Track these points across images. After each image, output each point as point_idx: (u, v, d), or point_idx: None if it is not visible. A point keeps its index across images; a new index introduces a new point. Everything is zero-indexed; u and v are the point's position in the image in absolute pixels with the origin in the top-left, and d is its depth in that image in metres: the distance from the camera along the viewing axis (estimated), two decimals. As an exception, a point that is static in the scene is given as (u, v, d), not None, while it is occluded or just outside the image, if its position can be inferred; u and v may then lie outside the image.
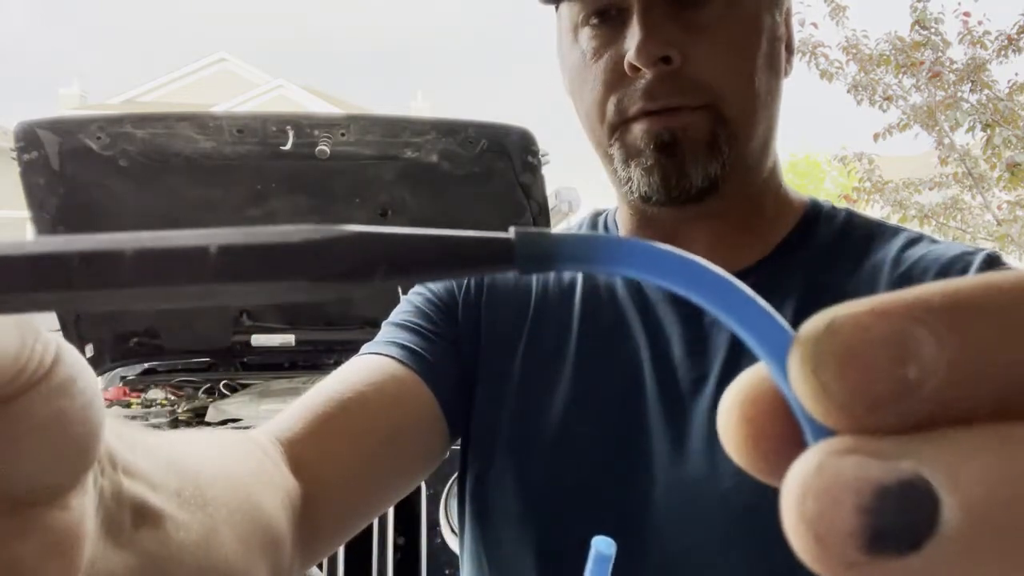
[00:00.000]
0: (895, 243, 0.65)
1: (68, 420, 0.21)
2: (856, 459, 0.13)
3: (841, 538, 0.12)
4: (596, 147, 0.67)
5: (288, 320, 2.75)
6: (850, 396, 0.13)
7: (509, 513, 0.67)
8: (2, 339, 0.18)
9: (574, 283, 0.72)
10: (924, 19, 6.75)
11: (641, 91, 0.61)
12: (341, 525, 0.59)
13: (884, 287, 0.62)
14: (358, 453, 0.59)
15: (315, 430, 0.57)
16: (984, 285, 0.13)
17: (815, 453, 0.13)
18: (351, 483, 0.58)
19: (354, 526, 0.61)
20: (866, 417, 0.13)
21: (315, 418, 0.57)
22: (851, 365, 0.13)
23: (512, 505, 0.66)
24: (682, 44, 0.60)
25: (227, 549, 0.38)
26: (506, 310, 0.72)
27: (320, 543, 0.56)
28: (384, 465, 0.61)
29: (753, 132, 0.64)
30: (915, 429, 0.13)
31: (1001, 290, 0.13)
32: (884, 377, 0.13)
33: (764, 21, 0.64)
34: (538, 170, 2.43)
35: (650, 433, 0.64)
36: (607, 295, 0.71)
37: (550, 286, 0.73)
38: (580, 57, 0.65)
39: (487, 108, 69.37)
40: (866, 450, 0.13)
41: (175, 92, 21.08)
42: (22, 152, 2.23)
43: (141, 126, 2.29)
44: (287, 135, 2.28)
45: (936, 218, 7.35)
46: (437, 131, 2.35)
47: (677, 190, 0.62)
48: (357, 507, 0.60)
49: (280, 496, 0.49)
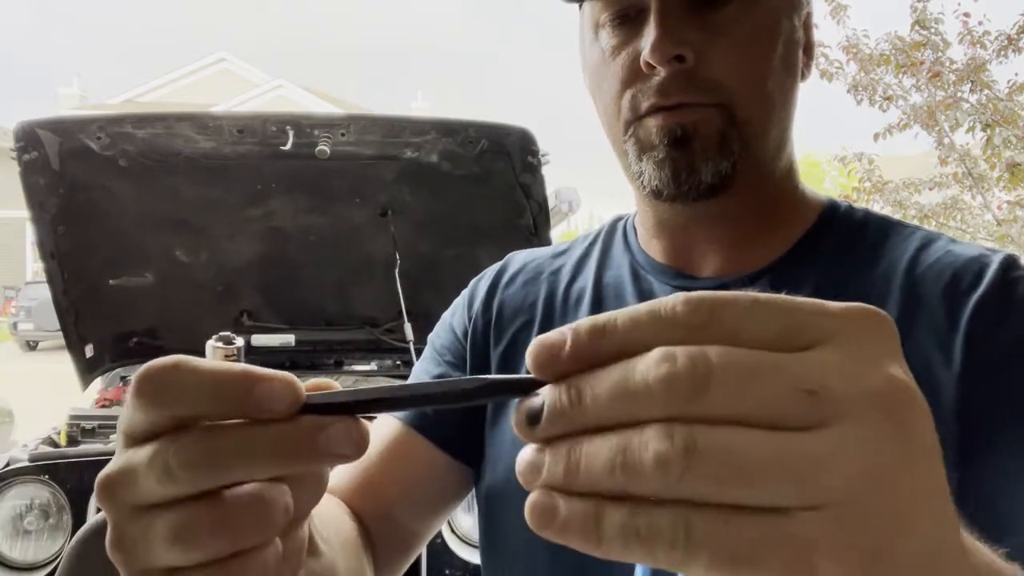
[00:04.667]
0: (911, 243, 0.65)
1: (325, 476, 0.36)
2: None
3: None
4: (613, 143, 0.68)
5: (288, 320, 2.75)
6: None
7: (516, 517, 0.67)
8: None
9: (583, 293, 0.73)
10: (924, 19, 6.75)
11: (655, 88, 0.62)
12: (398, 553, 0.73)
13: (897, 289, 0.61)
14: (386, 506, 0.70)
15: (349, 491, 0.70)
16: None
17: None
18: (390, 526, 0.70)
19: (412, 551, 0.75)
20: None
21: (347, 482, 0.71)
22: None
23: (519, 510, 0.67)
24: (697, 44, 0.61)
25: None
26: (514, 333, 0.74)
27: (388, 569, 0.71)
28: (411, 510, 0.73)
29: (766, 133, 0.65)
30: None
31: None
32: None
33: (782, 24, 0.64)
34: (538, 170, 2.43)
35: None
36: (615, 303, 0.71)
37: (557, 299, 0.74)
38: (600, 55, 0.66)
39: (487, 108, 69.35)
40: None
41: (175, 92, 21.08)
42: (22, 152, 2.23)
43: (141, 126, 2.29)
44: (287, 135, 2.28)
45: (936, 218, 7.35)
46: (437, 131, 2.35)
47: (687, 184, 0.63)
48: (403, 540, 0.73)
49: (359, 537, 0.64)
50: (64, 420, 2.38)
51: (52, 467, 1.97)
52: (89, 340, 2.65)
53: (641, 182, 0.65)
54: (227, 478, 0.30)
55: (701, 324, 0.26)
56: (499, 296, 0.76)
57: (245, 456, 0.30)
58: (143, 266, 2.63)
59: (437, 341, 0.80)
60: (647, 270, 0.71)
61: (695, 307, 0.26)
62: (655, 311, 0.27)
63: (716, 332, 0.26)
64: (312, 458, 0.31)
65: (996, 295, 0.58)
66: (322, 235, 2.63)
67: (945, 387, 0.56)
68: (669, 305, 0.26)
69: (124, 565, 0.32)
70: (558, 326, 0.25)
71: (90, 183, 2.38)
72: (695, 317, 0.26)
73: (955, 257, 0.62)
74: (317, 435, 0.30)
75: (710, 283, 0.67)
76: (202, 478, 0.30)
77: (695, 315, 0.26)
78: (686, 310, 0.26)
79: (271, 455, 0.30)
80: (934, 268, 0.61)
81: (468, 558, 1.88)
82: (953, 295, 0.59)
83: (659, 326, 0.26)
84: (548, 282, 0.76)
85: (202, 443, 0.30)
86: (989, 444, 0.54)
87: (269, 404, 0.30)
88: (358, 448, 0.31)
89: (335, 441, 0.30)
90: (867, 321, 0.27)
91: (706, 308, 0.26)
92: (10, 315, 16.01)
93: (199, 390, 0.30)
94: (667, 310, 0.26)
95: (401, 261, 2.54)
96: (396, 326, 2.67)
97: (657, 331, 0.26)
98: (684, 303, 0.26)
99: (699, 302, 0.26)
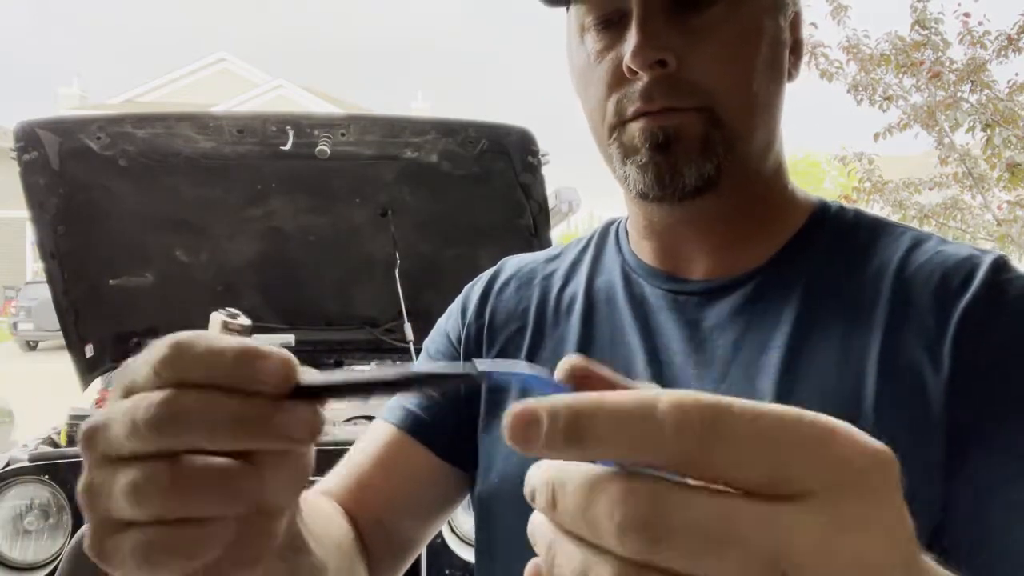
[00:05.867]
0: (901, 244, 0.65)
1: (306, 470, 0.36)
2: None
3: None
4: (598, 146, 0.69)
5: (288, 320, 2.75)
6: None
7: (513, 520, 0.68)
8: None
9: (575, 299, 0.74)
10: (924, 19, 6.75)
11: (638, 93, 0.62)
12: (393, 557, 0.73)
13: (887, 290, 0.61)
14: (382, 510, 0.70)
15: (346, 494, 0.70)
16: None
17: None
18: (385, 530, 0.70)
19: (408, 555, 0.75)
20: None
21: (343, 487, 0.71)
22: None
23: (515, 512, 0.67)
24: (679, 48, 0.61)
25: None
26: (506, 337, 0.75)
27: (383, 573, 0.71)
28: (407, 514, 0.73)
29: (751, 135, 0.65)
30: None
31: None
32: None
33: (765, 25, 0.64)
34: (538, 170, 2.43)
35: None
36: (606, 308, 0.71)
37: (549, 305, 0.74)
38: (585, 59, 0.67)
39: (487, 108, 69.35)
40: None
41: (175, 92, 21.08)
42: (22, 152, 2.23)
43: (141, 126, 2.29)
44: (287, 135, 2.28)
45: (936, 218, 7.35)
46: (437, 131, 2.35)
47: (671, 187, 0.63)
48: (399, 544, 0.73)
49: (353, 540, 0.64)
50: (64, 420, 2.38)
51: (52, 467, 1.97)
52: (89, 340, 2.65)
53: (627, 185, 0.66)
54: (185, 442, 0.32)
55: (686, 449, 0.24)
56: (492, 302, 0.77)
57: (204, 423, 0.32)
58: (143, 266, 2.63)
59: (431, 347, 0.81)
60: (638, 273, 0.72)
61: (688, 424, 0.24)
62: (645, 415, 0.25)
63: (701, 460, 0.25)
64: (266, 436, 0.32)
65: (985, 298, 0.57)
66: (322, 235, 2.62)
67: (933, 393, 0.55)
68: (661, 412, 0.25)
69: (87, 510, 0.33)
70: (550, 333, 0.26)
71: (90, 183, 2.38)
72: (685, 436, 0.24)
73: (945, 258, 0.61)
74: (274, 414, 0.32)
75: (700, 285, 0.68)
76: (161, 437, 0.32)
77: (685, 434, 0.24)
78: (677, 425, 0.24)
79: (228, 426, 0.32)
80: (924, 269, 0.61)
81: (468, 558, 1.88)
82: (942, 297, 0.59)
83: (642, 436, 0.25)
84: (541, 287, 0.76)
85: (167, 405, 0.32)
86: (978, 448, 0.53)
87: (264, 377, 0.32)
88: (311, 433, 0.32)
89: (290, 424, 0.32)
90: (867, 477, 0.25)
91: (699, 428, 0.24)
92: (10, 315, 16.01)
93: (206, 358, 0.32)
94: (659, 417, 0.25)
95: (401, 261, 2.54)
96: (396, 326, 2.67)
97: (639, 440, 0.25)
98: (678, 413, 0.25)
99: (695, 417, 0.24)
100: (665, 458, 0.25)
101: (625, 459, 0.25)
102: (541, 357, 0.72)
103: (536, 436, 0.26)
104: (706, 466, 0.25)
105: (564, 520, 0.27)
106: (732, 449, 0.24)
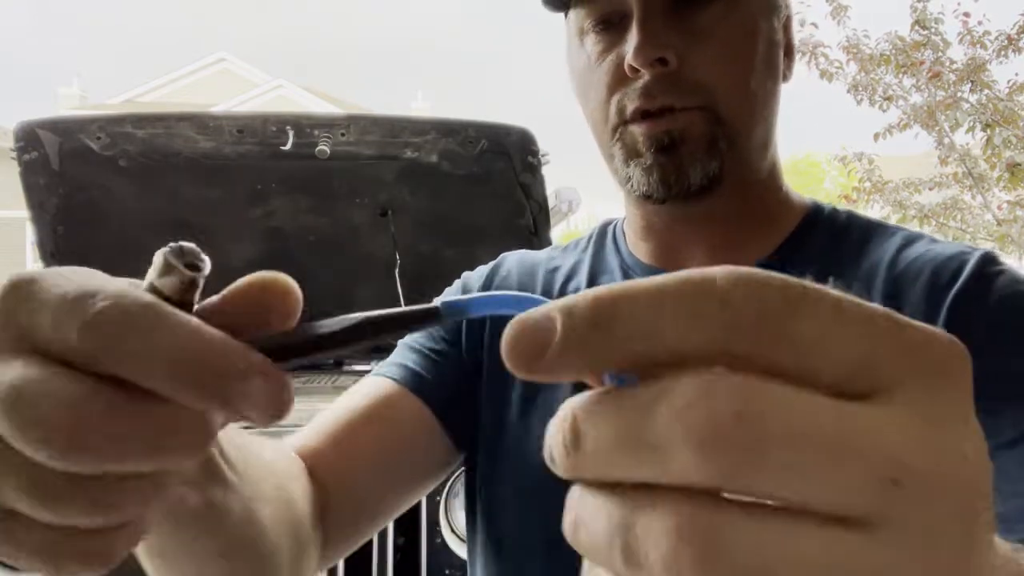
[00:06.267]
0: (892, 243, 0.66)
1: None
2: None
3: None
4: (600, 147, 0.69)
5: (288, 320, 2.75)
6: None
7: (516, 512, 0.68)
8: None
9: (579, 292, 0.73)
10: (924, 19, 6.76)
11: (639, 91, 0.63)
12: (354, 526, 0.66)
13: (880, 287, 0.62)
14: (363, 464, 0.66)
15: (326, 445, 0.65)
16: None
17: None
18: (359, 490, 0.66)
19: (368, 527, 0.68)
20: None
21: (326, 435, 0.65)
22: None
23: (518, 505, 0.68)
24: (679, 47, 0.62)
25: (263, 521, 0.47)
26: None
27: (337, 541, 0.64)
28: (389, 474, 0.68)
29: (750, 133, 0.65)
30: None
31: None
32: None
33: (761, 26, 0.65)
34: (538, 170, 2.43)
35: None
36: None
37: (554, 294, 0.74)
38: (585, 61, 0.67)
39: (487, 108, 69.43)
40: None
41: (175, 92, 21.09)
42: (22, 152, 2.23)
43: (141, 126, 2.29)
44: (287, 135, 2.28)
45: (936, 218, 7.36)
46: (437, 131, 2.35)
47: (677, 188, 0.64)
48: (367, 510, 0.67)
49: (306, 494, 0.59)
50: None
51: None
52: (89, 340, 2.65)
53: (630, 186, 0.66)
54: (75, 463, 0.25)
55: (754, 325, 0.19)
56: (495, 287, 0.77)
57: (118, 440, 0.24)
58: (143, 266, 2.62)
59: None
60: (637, 273, 0.72)
61: (748, 294, 0.19)
62: (691, 290, 0.19)
63: (774, 348, 0.19)
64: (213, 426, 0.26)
65: (974, 289, 0.59)
66: (322, 235, 2.62)
67: None
68: (710, 281, 0.19)
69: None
70: None
71: (90, 183, 2.38)
72: (747, 310, 0.19)
73: (935, 254, 0.62)
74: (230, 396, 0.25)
75: None
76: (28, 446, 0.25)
77: (747, 306, 0.19)
78: (734, 296, 0.19)
79: (149, 444, 0.24)
80: (915, 265, 0.62)
81: (468, 558, 1.88)
82: (933, 291, 0.60)
83: (693, 318, 0.19)
84: (544, 280, 0.76)
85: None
86: None
87: (248, 407, 0.25)
88: (279, 412, 0.27)
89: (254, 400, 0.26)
90: (946, 365, 0.20)
91: (763, 299, 0.19)
92: (10, 315, 15.99)
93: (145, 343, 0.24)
94: (707, 289, 0.19)
95: (401, 261, 2.54)
96: (396, 326, 2.67)
97: (688, 325, 0.19)
98: (733, 283, 0.19)
99: (757, 288, 0.19)
100: (728, 345, 0.19)
101: (668, 351, 0.19)
102: None
103: (548, 339, 0.20)
104: (783, 353, 0.19)
105: (595, 458, 0.20)
106: (817, 332, 0.19)
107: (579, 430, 0.20)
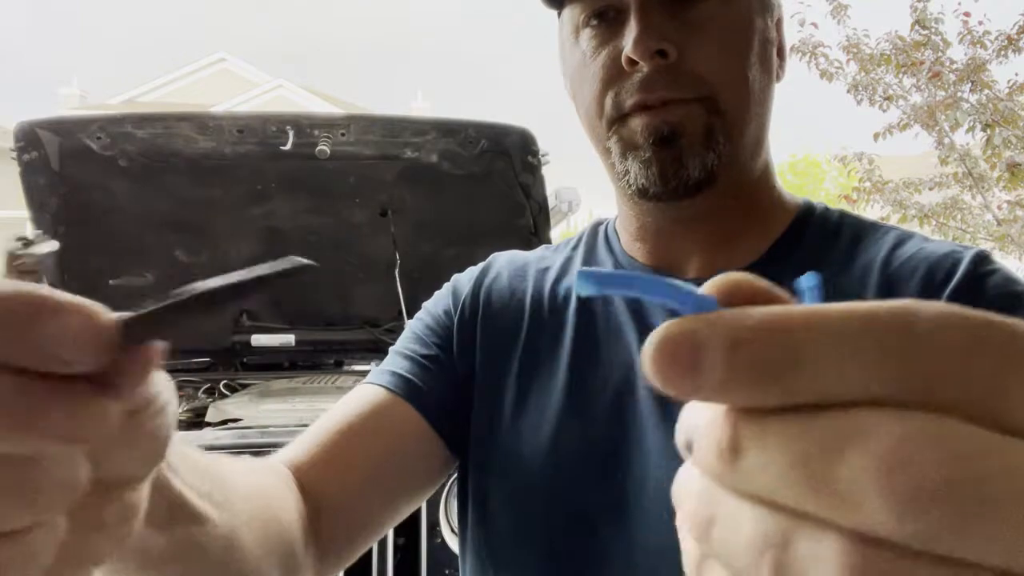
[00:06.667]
0: (885, 242, 0.66)
1: (159, 433, 0.29)
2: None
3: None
4: (595, 143, 0.69)
5: (288, 320, 2.75)
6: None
7: (509, 515, 0.68)
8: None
9: (570, 292, 0.74)
10: (924, 19, 6.75)
11: (638, 84, 0.63)
12: (348, 540, 0.66)
13: (873, 287, 0.62)
14: (357, 476, 0.65)
15: (319, 457, 0.64)
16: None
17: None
18: (353, 502, 0.65)
19: (362, 541, 0.67)
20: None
21: (319, 447, 0.65)
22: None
23: (511, 507, 0.67)
24: (677, 39, 0.62)
25: (246, 548, 0.46)
26: (501, 326, 0.74)
27: (332, 556, 0.64)
28: (383, 485, 0.67)
29: (746, 126, 0.66)
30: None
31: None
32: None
33: (756, 22, 0.66)
34: (538, 170, 2.43)
35: (643, 431, 0.64)
36: (602, 303, 0.72)
37: (545, 300, 0.74)
38: (580, 57, 0.67)
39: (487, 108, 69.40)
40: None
41: (175, 92, 21.08)
42: (22, 152, 2.23)
43: (141, 126, 2.29)
44: (287, 135, 2.28)
45: (936, 218, 7.35)
46: (437, 131, 2.35)
47: (675, 181, 0.64)
48: (362, 524, 0.67)
49: (295, 512, 0.58)
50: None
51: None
52: (89, 340, 2.64)
53: (627, 181, 0.66)
54: None
55: (965, 374, 0.16)
56: (485, 290, 0.77)
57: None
58: (143, 266, 2.63)
59: (418, 325, 0.78)
60: None
61: (957, 337, 0.17)
62: (883, 330, 0.17)
63: (989, 399, 0.16)
64: (75, 425, 0.24)
65: (967, 289, 0.59)
66: (322, 235, 2.62)
67: None
68: (909, 319, 0.17)
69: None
70: (548, 320, 0.21)
71: (90, 183, 2.38)
72: (956, 355, 0.16)
73: (929, 253, 0.63)
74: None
75: (694, 283, 0.68)
76: None
77: (957, 352, 0.16)
78: (940, 339, 0.16)
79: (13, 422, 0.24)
80: (908, 264, 0.62)
81: (468, 558, 1.88)
82: (927, 290, 0.60)
83: (888, 360, 0.17)
84: (535, 280, 0.76)
85: None
86: None
87: (58, 350, 0.23)
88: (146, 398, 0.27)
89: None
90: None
91: (998, 353, 0.17)
92: (10, 315, 15.99)
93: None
94: (905, 329, 0.17)
95: (401, 261, 2.54)
96: (396, 326, 2.67)
97: (881, 369, 0.17)
98: (937, 324, 0.17)
99: (998, 337, 0.17)
100: (932, 396, 0.16)
101: (854, 391, 0.17)
102: (539, 345, 0.71)
103: (695, 370, 0.18)
104: (996, 404, 0.16)
105: (755, 478, 0.18)
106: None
107: (741, 446, 0.18)
